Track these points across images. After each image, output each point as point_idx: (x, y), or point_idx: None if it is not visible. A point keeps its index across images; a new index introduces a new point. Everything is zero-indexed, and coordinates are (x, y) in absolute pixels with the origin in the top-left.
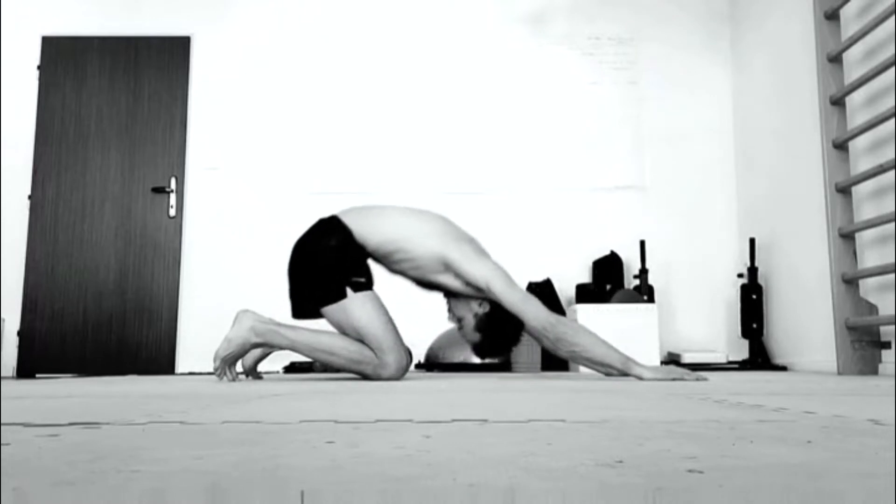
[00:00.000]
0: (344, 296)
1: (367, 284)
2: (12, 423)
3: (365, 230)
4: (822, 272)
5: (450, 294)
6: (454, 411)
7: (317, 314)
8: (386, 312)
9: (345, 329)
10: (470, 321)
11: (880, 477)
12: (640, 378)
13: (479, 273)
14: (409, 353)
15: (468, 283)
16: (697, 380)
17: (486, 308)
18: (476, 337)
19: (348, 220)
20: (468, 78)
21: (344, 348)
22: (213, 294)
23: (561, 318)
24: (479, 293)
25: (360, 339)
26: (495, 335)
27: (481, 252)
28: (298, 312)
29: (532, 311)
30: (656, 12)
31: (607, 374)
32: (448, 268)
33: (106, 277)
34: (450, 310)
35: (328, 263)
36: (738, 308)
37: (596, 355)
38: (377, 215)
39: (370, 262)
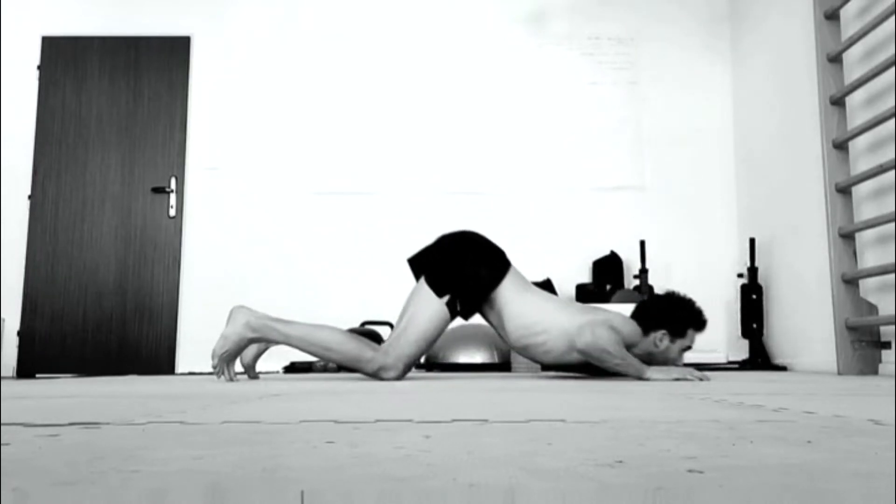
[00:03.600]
0: (441, 295)
1: (461, 314)
2: (12, 423)
3: (511, 302)
4: (822, 272)
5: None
6: (454, 411)
7: (418, 275)
8: (436, 339)
9: (406, 305)
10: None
11: (880, 477)
12: (647, 379)
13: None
14: (411, 364)
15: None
16: (701, 379)
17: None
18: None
19: (507, 282)
20: (468, 78)
21: (341, 344)
22: (213, 294)
23: (587, 334)
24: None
25: (364, 333)
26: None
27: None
28: (415, 263)
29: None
30: (656, 12)
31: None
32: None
33: (106, 277)
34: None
35: (463, 270)
36: (738, 308)
37: (613, 367)
38: (531, 300)
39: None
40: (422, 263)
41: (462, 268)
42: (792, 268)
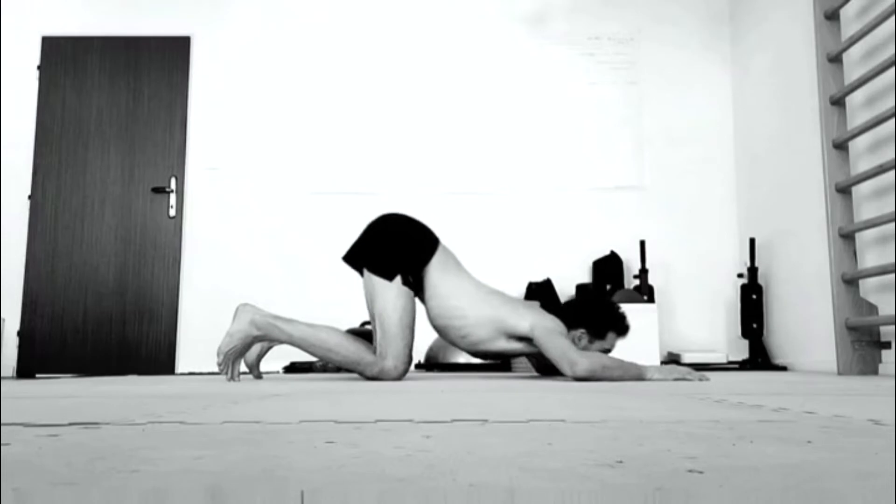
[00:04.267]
0: (391, 278)
1: (414, 287)
2: (12, 423)
3: (436, 290)
4: (822, 272)
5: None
6: (454, 411)
7: (360, 269)
8: (413, 318)
9: (370, 306)
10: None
11: (880, 477)
12: (649, 379)
13: (526, 326)
14: (410, 354)
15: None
16: (700, 379)
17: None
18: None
19: (434, 260)
20: (468, 78)
21: (342, 346)
22: (213, 294)
23: (583, 360)
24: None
25: (364, 333)
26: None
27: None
28: (349, 255)
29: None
30: (656, 12)
31: None
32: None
33: (106, 277)
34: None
35: (400, 248)
36: (738, 308)
37: (616, 379)
38: (454, 282)
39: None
40: (358, 257)
41: (396, 245)
42: (792, 268)
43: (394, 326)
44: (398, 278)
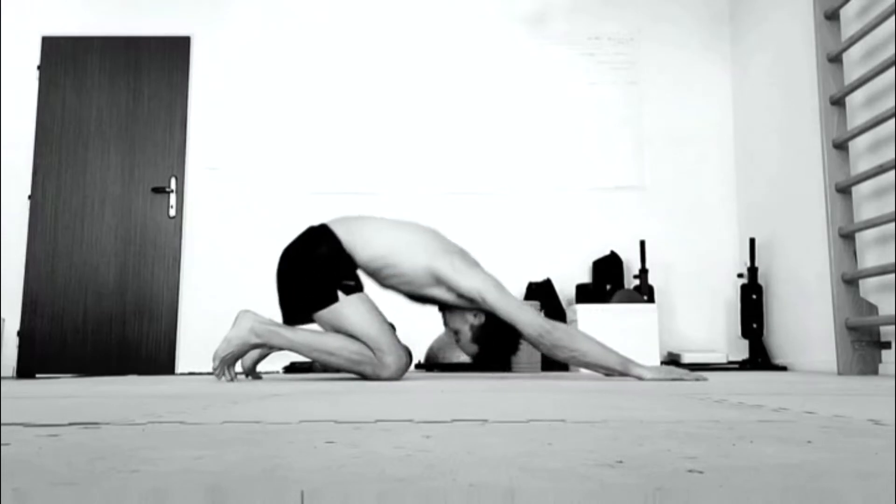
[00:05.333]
0: (336, 299)
1: (358, 287)
2: (12, 423)
3: (356, 244)
4: (822, 272)
5: (444, 307)
6: (454, 411)
7: (309, 320)
8: (379, 314)
9: (340, 331)
10: (466, 333)
11: (880, 477)
12: (639, 378)
13: (470, 284)
14: (409, 353)
15: (461, 296)
16: (697, 380)
17: (481, 319)
18: (473, 349)
19: (338, 231)
20: (468, 78)
21: (344, 348)
22: (213, 294)
23: (557, 323)
24: (473, 305)
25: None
26: (493, 345)
27: (472, 263)
28: (290, 319)
29: (527, 319)
30: (656, 12)
31: (608, 375)
32: (440, 281)
33: (106, 277)
34: (446, 323)
35: (318, 269)
36: (738, 308)
37: (594, 359)
38: (367, 227)
39: (361, 274)
40: (297, 312)
41: (306, 276)
42: (792, 268)
43: (371, 331)
44: (340, 294)
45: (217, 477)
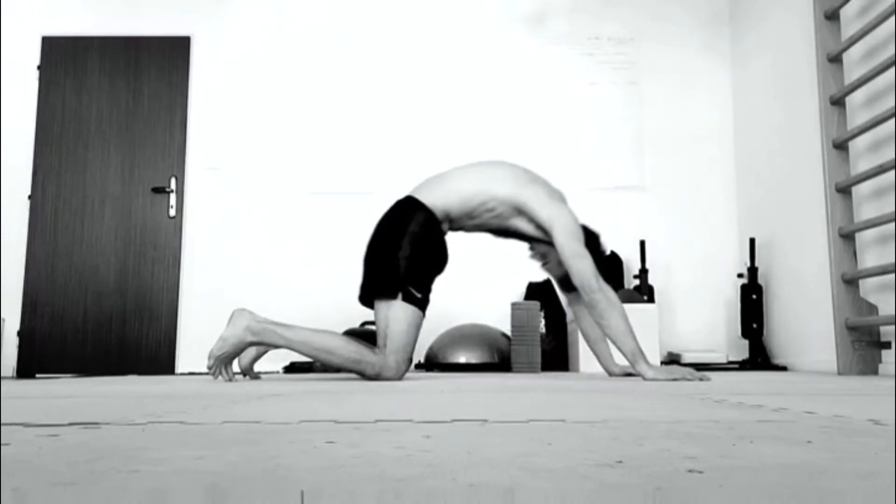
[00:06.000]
0: (394, 297)
1: (420, 302)
2: (12, 423)
3: (447, 199)
4: (822, 272)
5: (528, 238)
6: (454, 411)
7: (370, 304)
8: (417, 332)
9: (377, 317)
10: (554, 257)
11: (880, 477)
12: (642, 377)
13: (546, 215)
14: (410, 355)
15: (539, 227)
16: (701, 380)
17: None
18: (560, 271)
19: (427, 198)
20: (468, 78)
21: (342, 347)
22: (213, 294)
23: (606, 288)
24: (547, 237)
25: (363, 334)
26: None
27: (557, 197)
28: (363, 298)
29: (580, 267)
30: (656, 12)
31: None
32: (521, 211)
33: (106, 277)
34: (531, 248)
35: (402, 258)
36: (738, 308)
37: (613, 335)
38: (452, 179)
39: (449, 236)
40: (364, 286)
41: (388, 266)
42: (792, 268)
43: (400, 337)
44: (399, 294)
45: (217, 477)
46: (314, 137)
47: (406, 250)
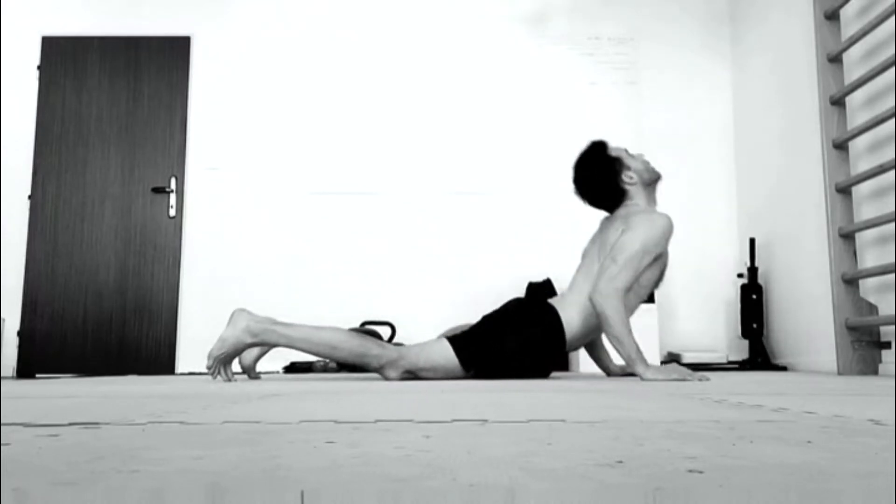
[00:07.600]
0: (464, 368)
1: (465, 363)
2: (12, 423)
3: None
4: (822, 272)
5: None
6: (454, 411)
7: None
8: (435, 368)
9: (426, 344)
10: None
11: (880, 477)
12: (640, 377)
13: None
14: None
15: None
16: (700, 380)
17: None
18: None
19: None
20: (468, 78)
21: (346, 341)
22: (213, 294)
23: (618, 301)
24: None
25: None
26: None
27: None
28: (461, 342)
29: (610, 274)
30: (656, 12)
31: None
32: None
33: (106, 277)
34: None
35: (510, 354)
36: (738, 308)
37: (613, 336)
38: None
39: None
40: (465, 347)
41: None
42: (792, 268)
43: (429, 361)
44: (471, 370)
45: (217, 477)
46: (314, 137)
47: (513, 344)
